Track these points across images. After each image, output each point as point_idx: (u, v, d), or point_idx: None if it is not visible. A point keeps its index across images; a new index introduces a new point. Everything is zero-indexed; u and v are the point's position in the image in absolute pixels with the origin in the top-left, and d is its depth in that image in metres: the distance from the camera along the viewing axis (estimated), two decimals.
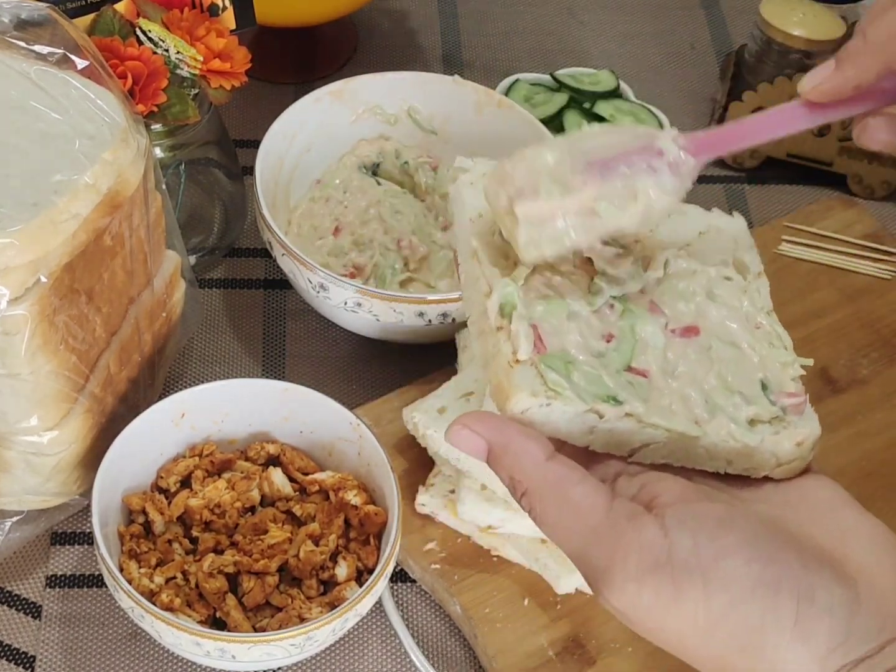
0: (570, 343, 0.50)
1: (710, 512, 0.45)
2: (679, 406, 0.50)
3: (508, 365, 0.48)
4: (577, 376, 0.49)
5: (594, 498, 0.46)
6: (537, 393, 0.48)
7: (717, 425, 0.50)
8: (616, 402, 0.49)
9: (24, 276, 0.65)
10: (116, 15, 0.81)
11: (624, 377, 0.50)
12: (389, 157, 0.97)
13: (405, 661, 0.76)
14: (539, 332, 0.50)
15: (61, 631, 0.76)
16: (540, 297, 0.51)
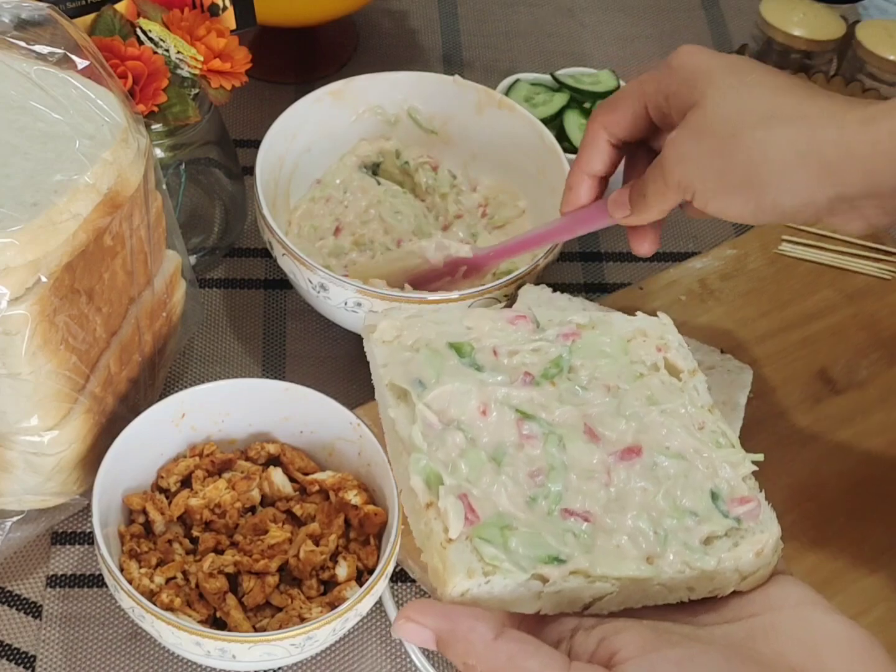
0: (502, 498, 0.49)
1: (670, 658, 0.44)
2: (628, 544, 0.49)
3: (441, 546, 0.47)
4: (514, 542, 0.48)
5: (551, 668, 0.45)
6: (474, 572, 0.46)
7: (670, 558, 0.49)
8: (559, 562, 0.48)
9: (24, 276, 0.65)
10: (117, 15, 0.81)
11: (563, 524, 0.49)
12: (389, 157, 0.97)
13: (405, 661, 0.76)
14: (469, 500, 0.49)
15: (62, 631, 0.76)
16: (458, 451, 0.50)
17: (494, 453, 0.51)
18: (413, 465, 0.49)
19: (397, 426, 0.51)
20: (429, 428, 0.51)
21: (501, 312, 0.57)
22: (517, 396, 0.53)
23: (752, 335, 0.91)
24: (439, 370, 0.53)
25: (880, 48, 1.04)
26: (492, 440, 0.51)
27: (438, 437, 0.50)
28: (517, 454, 0.51)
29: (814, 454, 0.84)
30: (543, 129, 0.92)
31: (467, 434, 0.51)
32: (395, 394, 0.52)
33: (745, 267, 0.95)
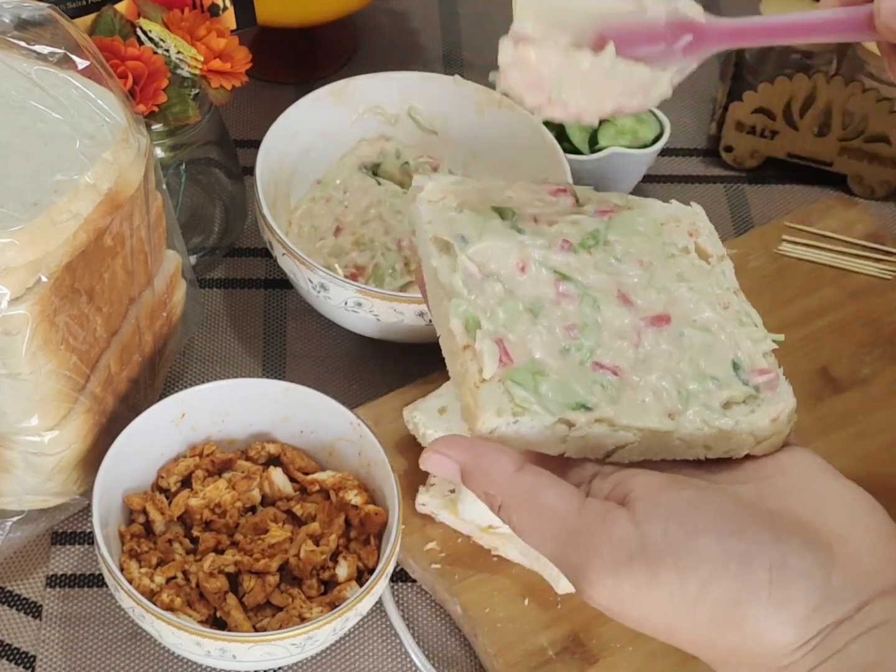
0: (536, 346, 0.51)
1: (680, 497, 0.46)
2: (651, 400, 0.51)
3: (475, 385, 0.49)
4: (545, 387, 0.49)
5: (565, 501, 0.47)
6: (503, 411, 0.48)
7: (690, 416, 0.50)
8: (586, 409, 0.49)
9: (24, 276, 0.65)
10: (117, 15, 0.81)
11: (593, 376, 0.51)
12: (390, 157, 0.97)
13: (405, 661, 0.76)
14: (505, 345, 0.50)
15: (62, 630, 0.76)
16: (496, 300, 0.52)
17: (531, 306, 0.52)
18: (453, 309, 0.51)
19: (439, 274, 0.53)
20: (469, 277, 0.52)
21: (543, 185, 0.58)
22: (555, 259, 0.54)
23: None
24: (481, 229, 0.54)
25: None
26: (528, 295, 0.53)
27: (478, 285, 0.52)
28: (553, 309, 0.53)
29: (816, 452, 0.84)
30: (543, 129, 0.92)
31: (506, 286, 0.53)
32: (438, 246, 0.54)
33: (746, 266, 0.95)
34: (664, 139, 0.99)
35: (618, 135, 0.99)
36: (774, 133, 1.04)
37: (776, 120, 1.03)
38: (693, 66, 0.57)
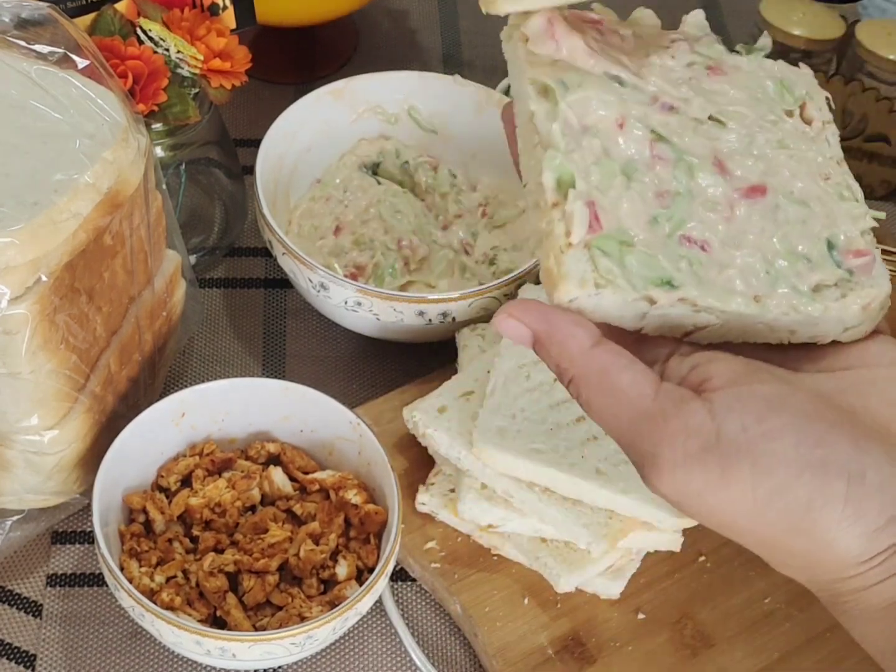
0: (626, 212, 0.48)
1: (760, 394, 0.44)
2: (739, 280, 0.48)
3: (560, 250, 0.47)
4: (631, 259, 0.47)
5: (641, 384, 0.45)
6: (586, 282, 0.46)
7: (777, 300, 0.48)
8: (670, 287, 0.47)
9: (24, 276, 0.65)
10: (117, 14, 0.81)
11: (681, 250, 0.48)
12: (390, 156, 0.97)
13: (405, 660, 0.76)
14: (595, 209, 0.47)
15: (62, 630, 0.76)
16: (593, 158, 0.49)
17: (625, 167, 0.50)
18: (548, 162, 0.48)
19: (536, 119, 0.49)
20: (568, 128, 0.49)
21: (662, 33, 0.56)
22: (655, 118, 0.51)
23: None
24: (583, 77, 0.51)
25: (880, 48, 1.04)
26: (623, 154, 0.50)
27: (576, 139, 0.49)
28: (647, 172, 0.50)
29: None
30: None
31: (603, 143, 0.50)
32: (537, 89, 0.50)
33: None
34: None
35: None
36: None
37: None
38: None
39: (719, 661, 0.74)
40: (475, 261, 0.92)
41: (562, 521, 0.73)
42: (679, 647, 0.75)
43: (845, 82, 1.00)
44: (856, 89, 1.00)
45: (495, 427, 0.74)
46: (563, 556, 0.75)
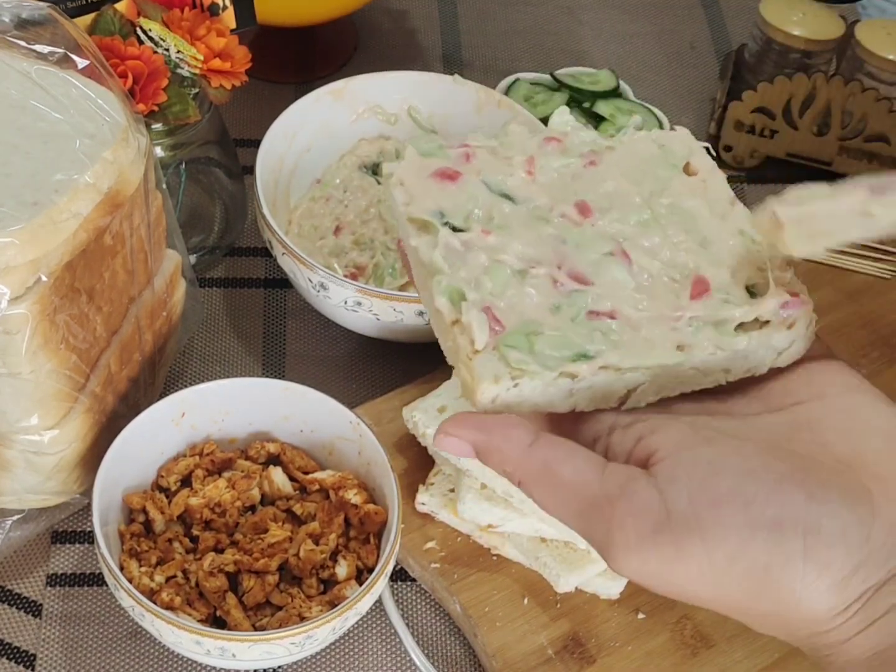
0: (527, 307, 0.49)
1: (703, 458, 0.43)
2: (657, 333, 0.48)
3: (468, 358, 0.47)
4: (540, 345, 0.47)
5: (584, 472, 0.45)
6: (501, 377, 0.46)
7: (699, 344, 0.47)
8: (587, 358, 0.47)
9: (24, 276, 0.65)
10: (117, 14, 0.81)
11: (590, 325, 0.48)
12: (390, 156, 0.97)
13: (405, 660, 0.76)
14: (494, 312, 0.48)
15: (62, 629, 0.76)
16: (481, 269, 0.50)
17: (519, 265, 0.50)
18: (436, 287, 0.49)
19: (420, 253, 0.51)
20: (450, 251, 0.50)
21: (536, 135, 0.56)
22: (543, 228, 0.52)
23: None
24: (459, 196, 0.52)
25: (879, 48, 1.04)
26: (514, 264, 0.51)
27: (460, 258, 0.50)
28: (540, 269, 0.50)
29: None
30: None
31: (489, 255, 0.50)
32: (416, 226, 0.52)
33: None
34: None
35: None
36: (774, 132, 1.04)
37: (775, 119, 1.03)
38: None
39: (719, 661, 0.74)
40: None
41: None
42: (679, 647, 0.75)
43: (845, 82, 1.00)
44: (855, 89, 1.00)
45: None
46: (562, 556, 0.75)
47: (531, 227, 0.52)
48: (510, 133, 0.56)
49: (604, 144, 0.56)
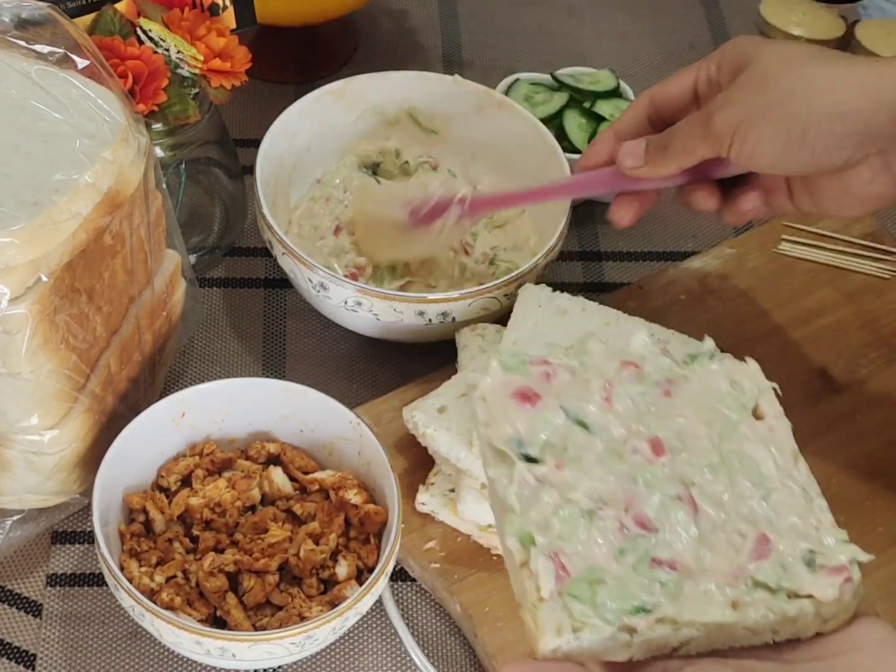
0: (592, 553, 0.51)
1: None
2: (714, 588, 0.51)
3: (533, 605, 0.50)
4: (602, 596, 0.50)
5: None
6: (563, 630, 0.49)
7: (755, 604, 0.50)
8: (645, 612, 0.50)
9: (24, 276, 0.65)
10: (117, 14, 0.81)
11: (651, 574, 0.51)
12: (389, 156, 0.97)
13: (405, 660, 0.76)
14: (561, 559, 0.51)
15: (62, 629, 0.76)
16: (551, 510, 0.52)
17: (589, 506, 0.53)
18: (508, 527, 0.51)
19: (496, 486, 0.53)
20: (524, 487, 0.52)
21: (614, 357, 0.58)
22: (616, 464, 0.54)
23: (752, 334, 0.90)
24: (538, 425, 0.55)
25: (879, 48, 1.04)
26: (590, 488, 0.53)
27: (533, 495, 0.52)
28: (608, 510, 0.53)
29: (814, 453, 0.84)
30: (543, 129, 0.92)
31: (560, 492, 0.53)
32: (493, 452, 0.54)
33: (745, 266, 0.95)
34: None
35: None
36: None
37: None
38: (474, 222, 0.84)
39: None
40: (475, 261, 0.92)
41: None
42: None
43: None
44: None
45: None
46: None
47: (604, 462, 0.54)
48: (589, 352, 0.58)
49: (679, 373, 0.58)
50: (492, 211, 0.88)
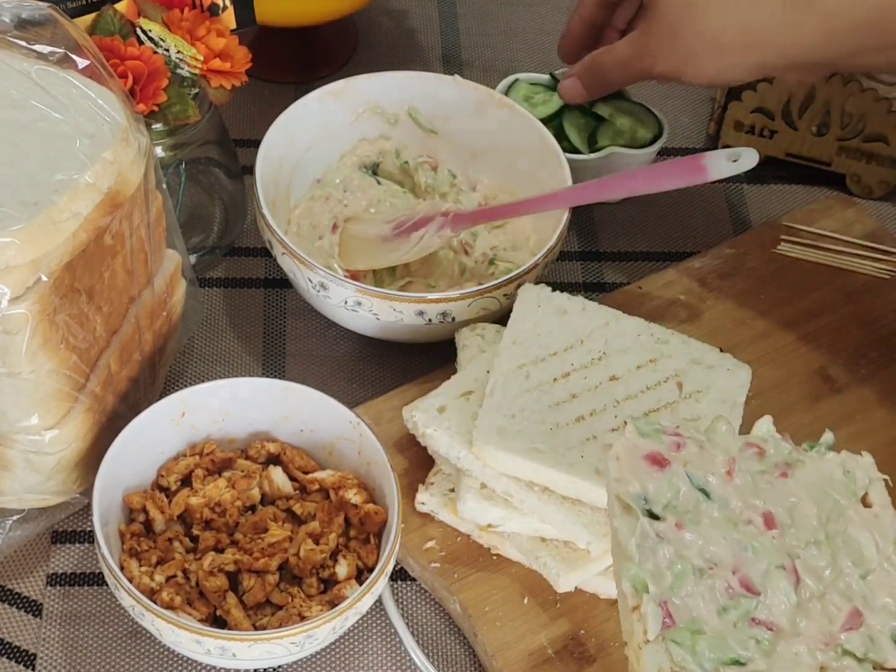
0: (698, 606, 0.55)
1: None
2: (804, 651, 0.54)
3: (638, 646, 0.54)
4: (701, 646, 0.54)
5: None
6: (662, 670, 0.53)
7: (840, 670, 0.54)
8: (739, 665, 0.53)
9: (24, 275, 0.65)
10: (117, 14, 0.81)
11: (749, 632, 0.54)
12: (389, 156, 0.97)
13: (405, 660, 0.76)
14: (668, 608, 0.55)
15: (62, 629, 0.76)
16: (666, 563, 0.56)
17: (697, 567, 0.57)
18: (625, 573, 0.56)
19: (619, 535, 0.58)
20: (645, 539, 0.57)
21: (739, 439, 0.63)
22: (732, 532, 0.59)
23: (751, 334, 0.91)
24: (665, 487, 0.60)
25: None
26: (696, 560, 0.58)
27: (651, 548, 0.57)
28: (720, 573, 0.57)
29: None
30: (543, 129, 0.92)
31: (676, 548, 0.58)
32: (621, 505, 0.59)
33: (744, 266, 0.95)
34: (663, 139, 0.99)
35: (616, 135, 0.99)
36: (773, 132, 1.04)
37: (775, 119, 1.03)
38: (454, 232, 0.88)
39: None
40: (475, 261, 0.92)
41: (561, 520, 0.73)
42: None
43: (844, 82, 1.00)
44: (854, 89, 1.00)
45: (495, 426, 0.74)
46: (562, 555, 0.75)
47: (720, 528, 0.58)
48: (717, 431, 0.63)
49: (797, 458, 0.62)
50: (473, 225, 0.90)
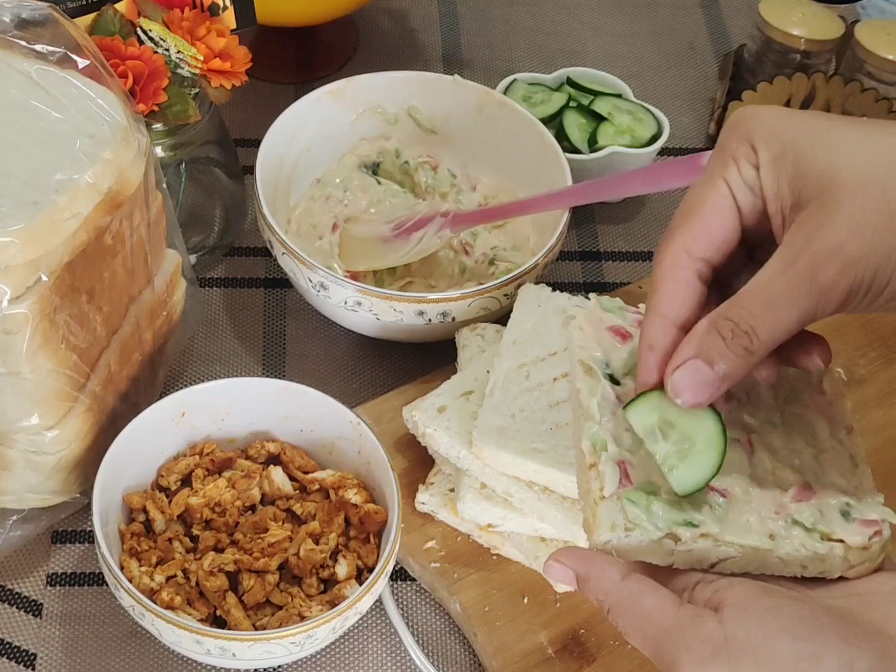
0: (654, 469, 0.55)
1: (763, 605, 0.52)
2: (755, 519, 0.55)
3: (594, 501, 0.55)
4: (656, 506, 0.55)
5: (663, 605, 0.53)
6: (616, 527, 0.54)
7: (790, 538, 0.55)
8: (692, 526, 0.54)
9: (24, 275, 0.65)
10: (117, 14, 0.81)
11: (703, 497, 0.55)
12: (389, 156, 0.97)
13: (405, 660, 0.76)
14: (626, 468, 0.56)
15: (62, 629, 0.76)
16: (626, 425, 0.56)
17: None
18: (585, 432, 0.57)
19: (581, 395, 0.58)
20: (605, 401, 0.57)
21: None
22: None
23: None
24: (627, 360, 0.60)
25: (879, 48, 1.04)
26: None
27: (612, 411, 0.57)
28: None
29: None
30: (543, 129, 0.92)
31: None
32: (584, 369, 0.59)
33: None
34: (663, 138, 0.99)
35: (617, 134, 0.99)
36: None
37: None
38: (454, 233, 0.89)
39: None
40: (475, 261, 0.92)
41: (561, 520, 0.73)
42: None
43: (844, 82, 1.00)
44: (855, 89, 1.00)
45: (495, 426, 0.74)
46: None
47: None
48: None
49: None
50: (473, 225, 0.90)
